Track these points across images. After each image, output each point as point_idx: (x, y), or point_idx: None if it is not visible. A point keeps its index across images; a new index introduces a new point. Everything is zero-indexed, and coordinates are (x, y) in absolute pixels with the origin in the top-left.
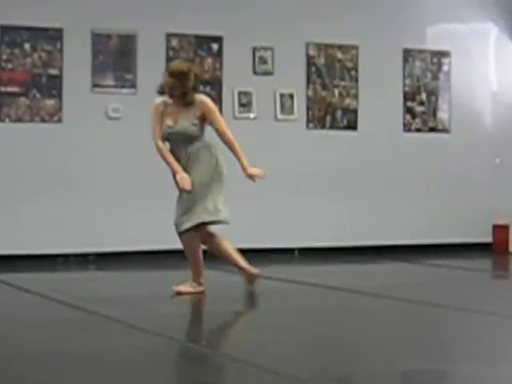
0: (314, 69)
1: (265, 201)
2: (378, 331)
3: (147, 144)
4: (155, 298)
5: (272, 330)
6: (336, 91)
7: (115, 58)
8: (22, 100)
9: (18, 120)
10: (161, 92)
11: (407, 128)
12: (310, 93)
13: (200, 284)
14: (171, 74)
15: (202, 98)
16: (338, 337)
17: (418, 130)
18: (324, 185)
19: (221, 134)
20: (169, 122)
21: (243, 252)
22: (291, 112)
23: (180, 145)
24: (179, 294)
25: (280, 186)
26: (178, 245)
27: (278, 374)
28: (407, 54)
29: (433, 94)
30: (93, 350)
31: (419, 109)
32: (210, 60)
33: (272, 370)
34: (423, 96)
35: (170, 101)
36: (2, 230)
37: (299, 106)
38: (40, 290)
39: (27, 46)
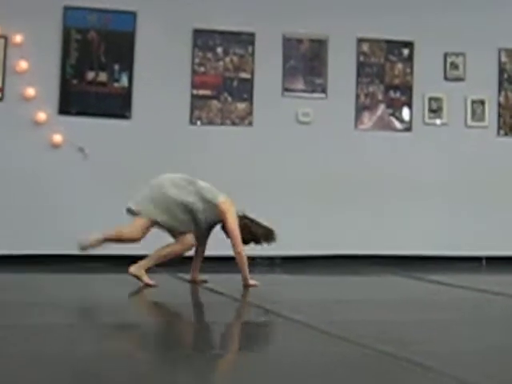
0: (505, 75)
1: (454, 208)
2: None
3: (339, 148)
4: (342, 304)
5: (462, 339)
6: None
7: (306, 62)
8: (214, 103)
9: (210, 123)
10: None
11: None
12: (502, 99)
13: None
14: None
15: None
16: None
17: None
18: None
19: None
20: None
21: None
22: (482, 119)
23: None
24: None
25: (469, 193)
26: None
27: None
28: None
29: None
30: (290, 355)
31: None
32: (400, 65)
33: (460, 379)
34: None
35: None
36: None
37: (490, 112)
38: (232, 293)
39: (219, 50)
